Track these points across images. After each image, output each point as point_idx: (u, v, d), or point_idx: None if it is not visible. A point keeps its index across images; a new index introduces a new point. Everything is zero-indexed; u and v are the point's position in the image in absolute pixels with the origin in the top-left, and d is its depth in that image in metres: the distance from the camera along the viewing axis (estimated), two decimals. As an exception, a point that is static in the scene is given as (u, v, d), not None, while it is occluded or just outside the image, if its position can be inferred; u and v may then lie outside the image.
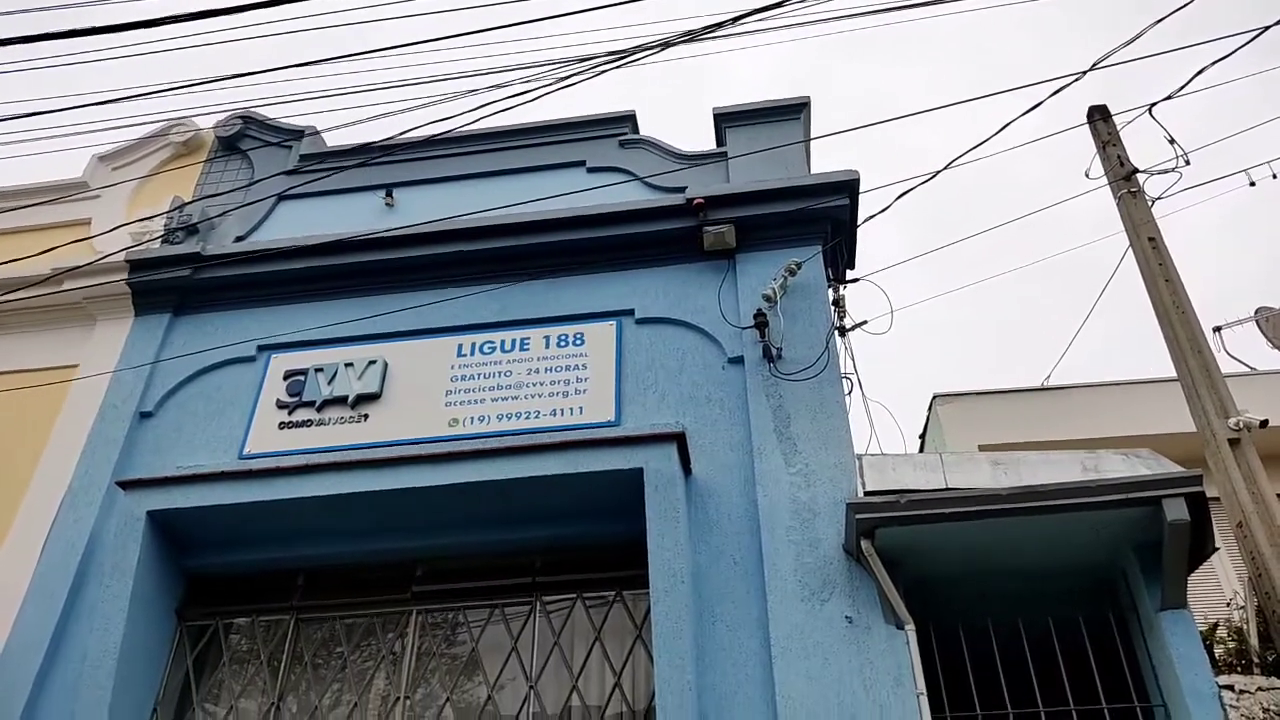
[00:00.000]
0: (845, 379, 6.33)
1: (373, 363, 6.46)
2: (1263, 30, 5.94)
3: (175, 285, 7.05)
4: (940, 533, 5.00)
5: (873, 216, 6.66)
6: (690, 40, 5.53)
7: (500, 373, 6.35)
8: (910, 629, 4.86)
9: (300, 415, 6.36)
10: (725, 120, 7.31)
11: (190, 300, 7.07)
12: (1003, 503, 4.92)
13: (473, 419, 6.15)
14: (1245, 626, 5.47)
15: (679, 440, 5.53)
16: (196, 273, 7.04)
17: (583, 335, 6.42)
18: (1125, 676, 5.01)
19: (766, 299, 6.01)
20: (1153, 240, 6.24)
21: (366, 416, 6.29)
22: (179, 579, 5.98)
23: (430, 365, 6.45)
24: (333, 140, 8.04)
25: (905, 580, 5.04)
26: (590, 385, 6.17)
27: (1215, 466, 5.46)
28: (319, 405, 6.35)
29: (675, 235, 6.64)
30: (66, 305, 7.14)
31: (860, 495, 5.27)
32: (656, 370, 6.17)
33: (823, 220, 6.54)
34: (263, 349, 6.71)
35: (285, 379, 6.53)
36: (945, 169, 6.21)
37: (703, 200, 6.54)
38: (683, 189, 6.81)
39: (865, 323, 6.74)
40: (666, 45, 5.50)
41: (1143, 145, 6.66)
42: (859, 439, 6.97)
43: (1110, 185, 6.54)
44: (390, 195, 7.42)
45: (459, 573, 5.83)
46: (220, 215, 7.45)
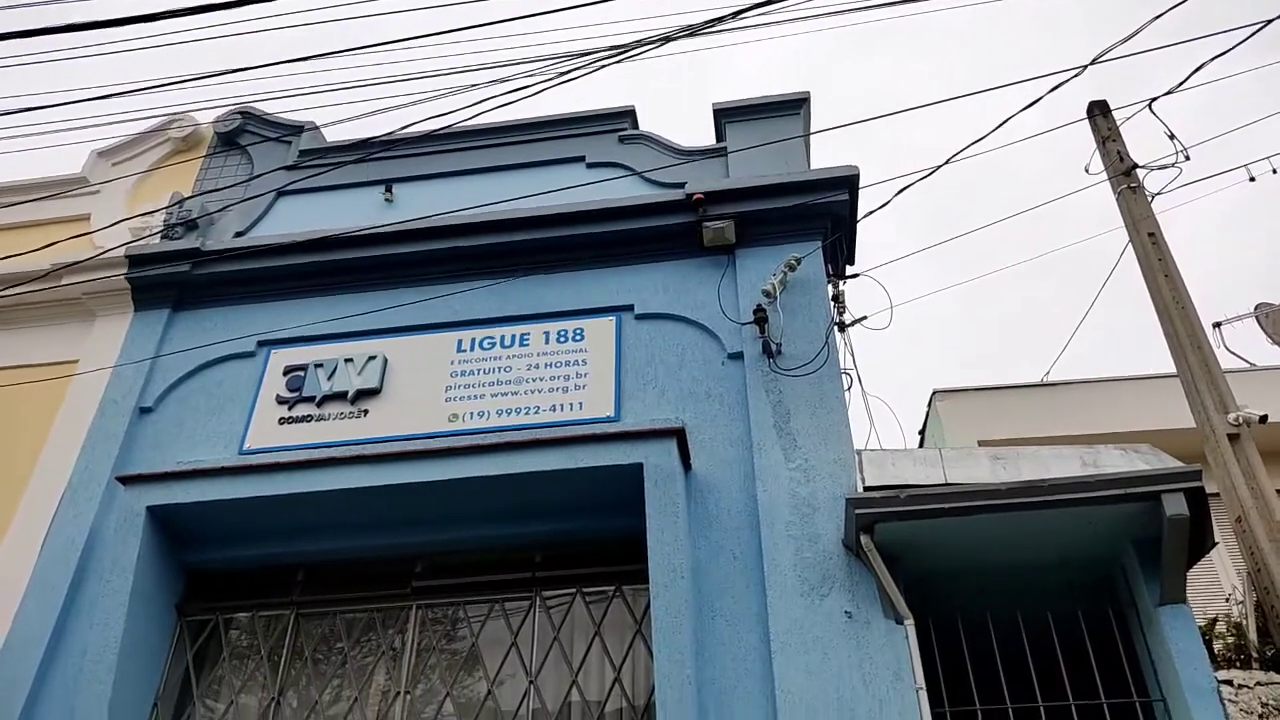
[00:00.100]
0: (845, 374, 6.34)
1: (373, 358, 6.46)
2: (1263, 25, 5.93)
3: (175, 281, 7.04)
4: (940, 528, 5.00)
5: (873, 212, 6.66)
6: (691, 35, 5.53)
7: (500, 368, 6.35)
8: (909, 624, 4.85)
9: (300, 411, 6.36)
10: (725, 115, 7.29)
11: (190, 296, 7.07)
12: (1002, 498, 4.92)
13: (472, 414, 6.16)
14: (1244, 622, 5.48)
15: (679, 436, 5.53)
16: (196, 268, 7.03)
17: (582, 331, 6.42)
18: (1124, 671, 5.01)
19: (766, 294, 6.01)
20: (1152, 236, 6.25)
21: (366, 412, 6.29)
22: (179, 574, 5.99)
23: (430, 361, 6.44)
24: (332, 135, 8.04)
25: (905, 575, 5.04)
26: (590, 381, 6.17)
27: (1215, 462, 5.47)
28: (319, 401, 6.36)
29: (675, 230, 6.64)
30: (66, 301, 7.14)
31: (860, 490, 5.27)
32: (656, 366, 6.17)
33: (823, 216, 6.53)
34: (262, 344, 6.71)
35: (285, 374, 6.53)
36: (945, 164, 6.22)
37: (702, 195, 6.53)
38: (682, 184, 6.81)
39: (865, 318, 6.76)
40: (667, 40, 5.50)
41: (1143, 140, 6.67)
42: (859, 435, 6.97)
43: (1110, 181, 6.55)
44: (390, 190, 7.42)
45: (459, 568, 5.83)
46: (220, 210, 7.46)
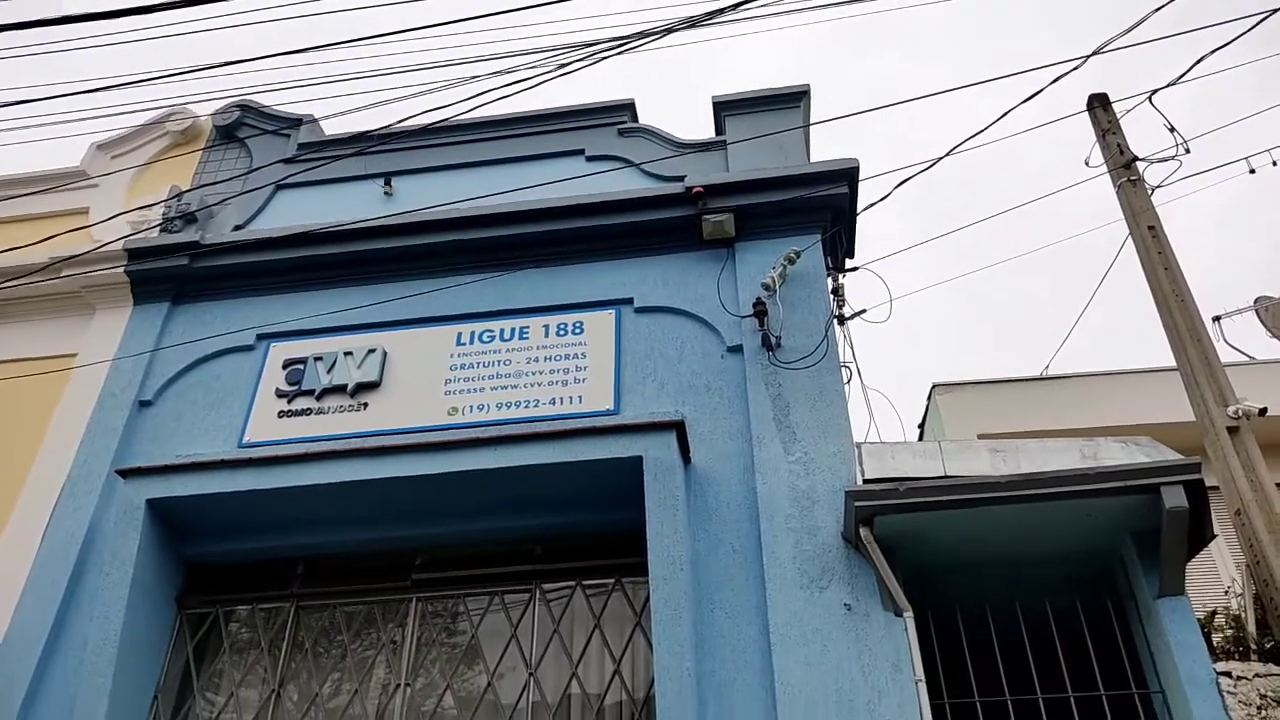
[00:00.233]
0: (844, 368, 6.34)
1: (372, 351, 6.46)
2: (1264, 18, 5.92)
3: (174, 274, 7.04)
4: (939, 520, 5.01)
5: (873, 204, 6.67)
6: (692, 26, 5.51)
7: (499, 361, 6.35)
8: (908, 616, 4.86)
9: (300, 404, 6.36)
10: (724, 109, 7.28)
11: (189, 289, 7.06)
12: (1001, 490, 4.92)
13: (472, 408, 6.15)
14: (1243, 614, 5.48)
15: (678, 429, 5.53)
16: (195, 261, 7.02)
17: (582, 324, 6.41)
18: (1123, 663, 5.02)
19: (766, 287, 6.00)
20: (1152, 229, 6.25)
21: (366, 405, 6.29)
22: (179, 567, 5.99)
23: (429, 354, 6.44)
24: (331, 129, 8.03)
25: (904, 567, 5.05)
26: (589, 374, 6.17)
27: (1214, 454, 5.47)
28: (318, 394, 6.35)
29: (674, 224, 6.63)
30: (65, 294, 7.13)
31: (859, 483, 5.28)
32: (655, 359, 6.16)
33: (822, 209, 6.53)
34: (262, 338, 6.71)
35: (284, 368, 6.53)
36: (945, 157, 6.22)
37: (702, 189, 6.52)
38: (682, 177, 6.80)
39: (864, 311, 6.76)
40: (669, 31, 5.48)
41: (1143, 133, 6.66)
42: (858, 428, 6.96)
43: (1110, 173, 6.54)
44: (389, 184, 7.41)
45: (459, 561, 5.83)
46: (219, 204, 7.44)
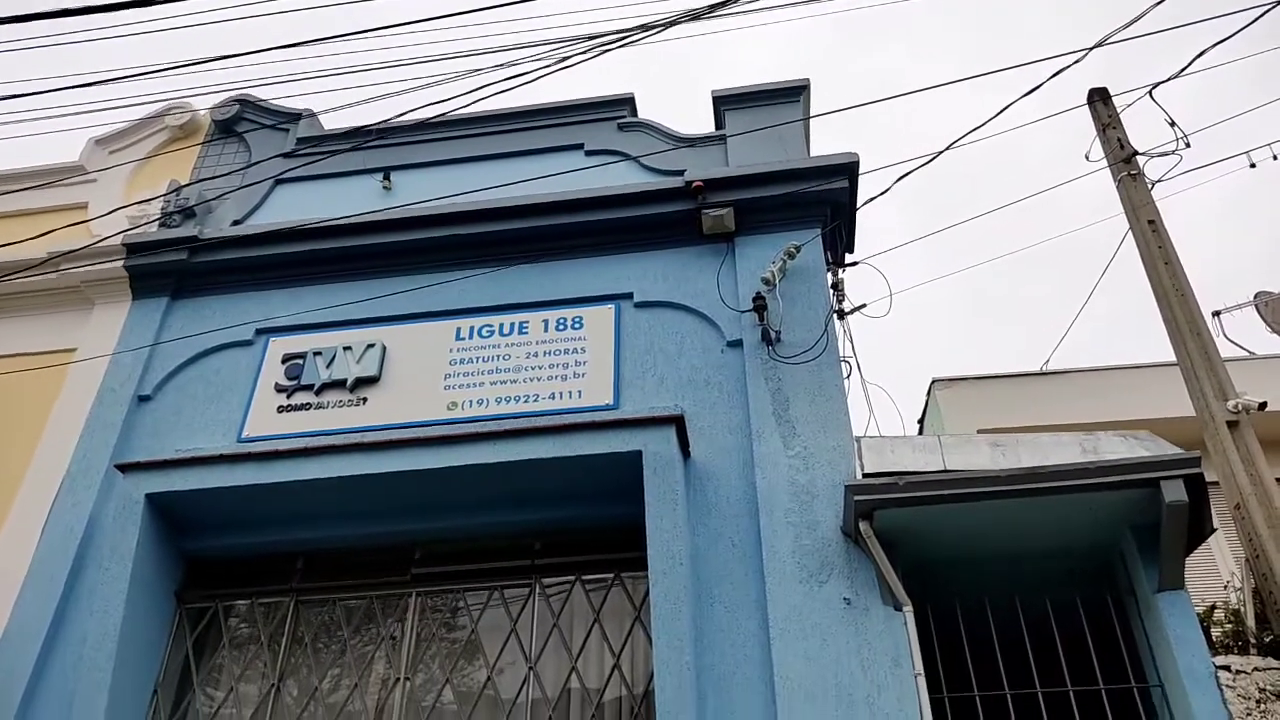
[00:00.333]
0: (844, 362, 6.32)
1: (371, 346, 6.45)
2: (1265, 11, 5.91)
3: (173, 269, 7.03)
4: (938, 514, 5.00)
5: (873, 199, 6.64)
6: (694, 19, 5.49)
7: (499, 356, 6.34)
8: (908, 610, 4.86)
9: (299, 399, 6.35)
10: (724, 103, 7.26)
11: (188, 284, 7.05)
12: (1001, 484, 4.91)
13: (471, 402, 6.15)
14: (1242, 608, 5.48)
15: (678, 423, 5.52)
16: (194, 256, 7.02)
17: (581, 319, 6.40)
18: (1123, 657, 5.02)
19: (765, 282, 5.99)
20: (1152, 223, 6.23)
21: (365, 400, 6.29)
22: (178, 562, 5.99)
23: (429, 349, 6.43)
24: (330, 123, 8.01)
25: (903, 562, 5.05)
26: (589, 369, 6.16)
27: (1214, 448, 5.46)
28: (317, 389, 6.34)
29: (674, 218, 6.62)
30: (64, 289, 7.12)
31: (859, 477, 5.27)
32: (655, 354, 6.16)
33: (822, 203, 6.51)
34: (261, 332, 6.70)
35: (284, 362, 6.52)
36: (945, 150, 6.20)
37: (701, 183, 6.51)
38: (681, 172, 6.79)
39: (864, 306, 6.75)
40: (672, 24, 5.46)
41: (1143, 128, 6.65)
42: (858, 423, 6.96)
43: (1110, 168, 6.52)
44: (388, 178, 7.39)
45: (458, 555, 5.83)
46: (217, 198, 7.43)
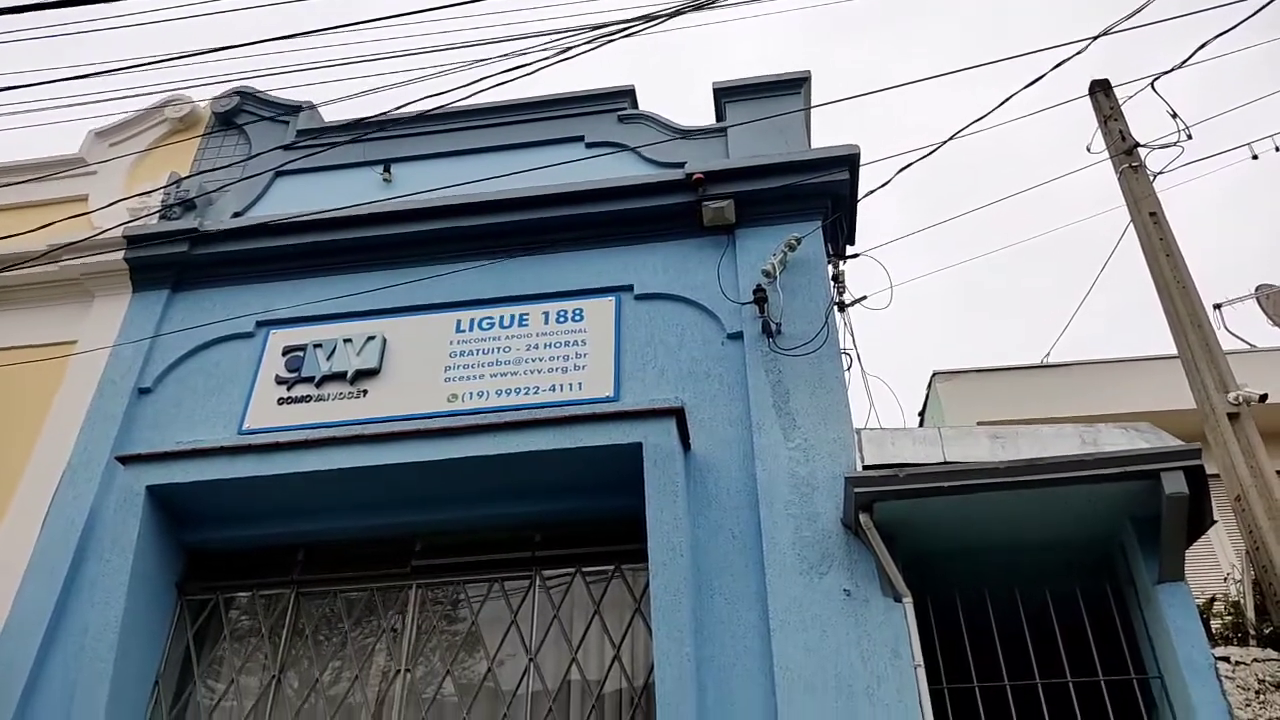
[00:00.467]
0: (844, 354, 6.33)
1: (371, 338, 6.45)
2: (1268, 2, 5.89)
3: (173, 261, 7.02)
4: (938, 506, 5.00)
5: (873, 191, 6.64)
6: (698, 9, 5.47)
7: (499, 348, 6.34)
8: (908, 601, 4.86)
9: (299, 391, 6.35)
10: (725, 95, 7.25)
11: (188, 276, 7.05)
12: (1001, 476, 4.91)
13: (471, 394, 6.15)
14: (1242, 600, 5.48)
15: (678, 415, 5.52)
16: (194, 248, 7.01)
17: (581, 311, 6.40)
18: (1122, 648, 5.02)
19: (766, 274, 5.99)
20: (1154, 215, 6.22)
21: (365, 392, 6.29)
22: (179, 554, 6.00)
23: (429, 341, 6.43)
24: (330, 115, 8.00)
25: (903, 553, 5.05)
26: (589, 361, 6.16)
27: (1214, 440, 5.46)
28: (318, 381, 6.35)
29: (674, 210, 6.61)
30: (64, 281, 7.12)
31: (859, 469, 5.27)
32: (655, 346, 6.15)
33: (823, 195, 6.50)
34: (261, 325, 6.70)
35: (284, 355, 6.52)
36: (946, 142, 6.19)
37: (702, 175, 6.50)
38: (682, 164, 6.77)
39: (865, 298, 6.75)
40: (677, 13, 5.43)
41: (1145, 119, 6.63)
42: (858, 415, 6.95)
43: (1111, 160, 6.51)
44: (388, 170, 7.38)
45: (458, 547, 5.84)
46: (218, 190, 7.42)
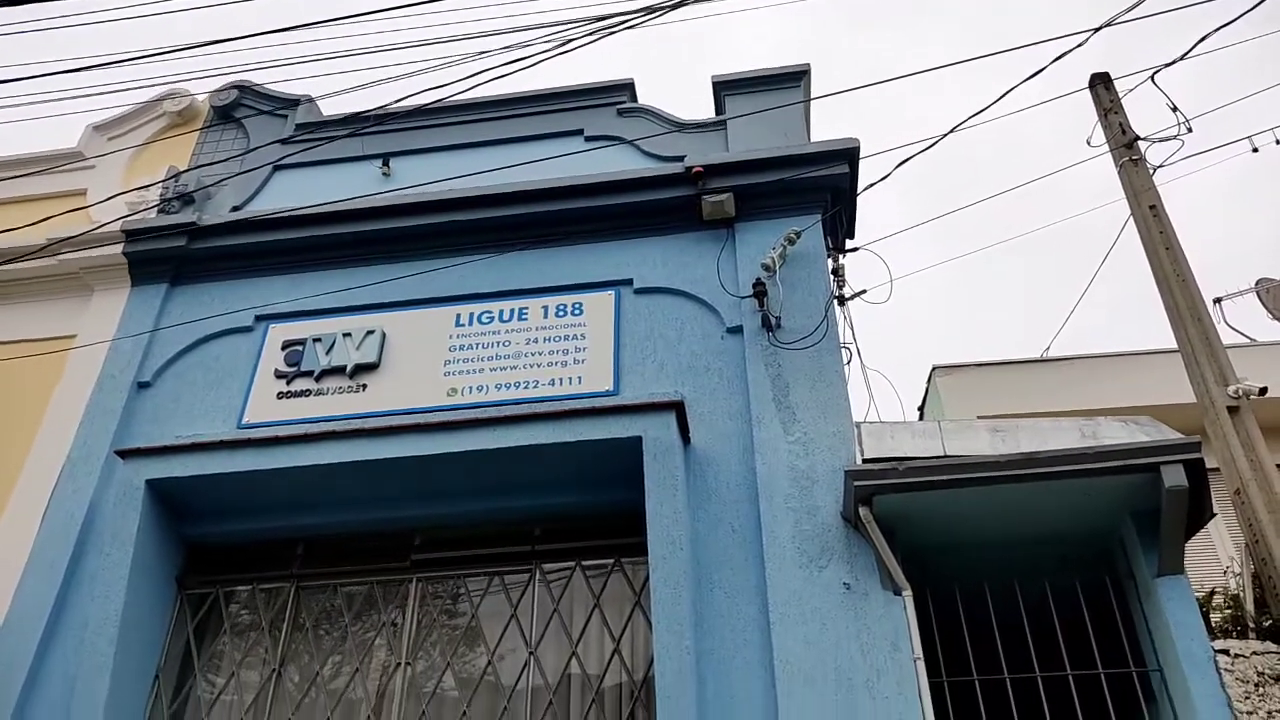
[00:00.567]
0: (844, 348, 6.32)
1: (371, 333, 6.44)
2: (1268, -5, 5.87)
3: (172, 255, 7.01)
4: (938, 500, 5.00)
5: (873, 184, 6.62)
6: (700, 0, 5.43)
7: (499, 342, 6.33)
8: (907, 595, 4.86)
9: (298, 385, 6.35)
10: (724, 88, 7.24)
11: (187, 270, 7.04)
12: (1001, 469, 4.91)
13: (471, 389, 6.14)
14: (1241, 593, 5.49)
15: (678, 409, 5.52)
16: (193, 242, 7.00)
17: (581, 305, 6.39)
18: (1122, 642, 5.02)
19: (765, 268, 5.98)
20: (1154, 208, 6.22)
21: (365, 386, 6.28)
22: (179, 548, 6.00)
23: (428, 335, 6.43)
24: (328, 109, 7.98)
25: (903, 547, 5.05)
26: (589, 355, 6.15)
27: (1214, 434, 5.46)
28: (317, 375, 6.34)
29: (674, 204, 6.60)
30: (63, 275, 7.12)
31: (858, 463, 5.27)
32: (655, 340, 6.15)
33: (822, 189, 6.49)
34: (260, 319, 6.69)
35: (283, 349, 6.52)
36: (947, 135, 6.18)
37: (701, 169, 6.49)
38: (681, 157, 6.76)
39: (865, 292, 6.75)
40: (680, 4, 5.40)
41: (1145, 112, 6.62)
42: (858, 409, 6.96)
43: (1112, 153, 6.50)
44: (387, 164, 7.37)
45: (458, 541, 5.84)
46: (216, 184, 7.41)
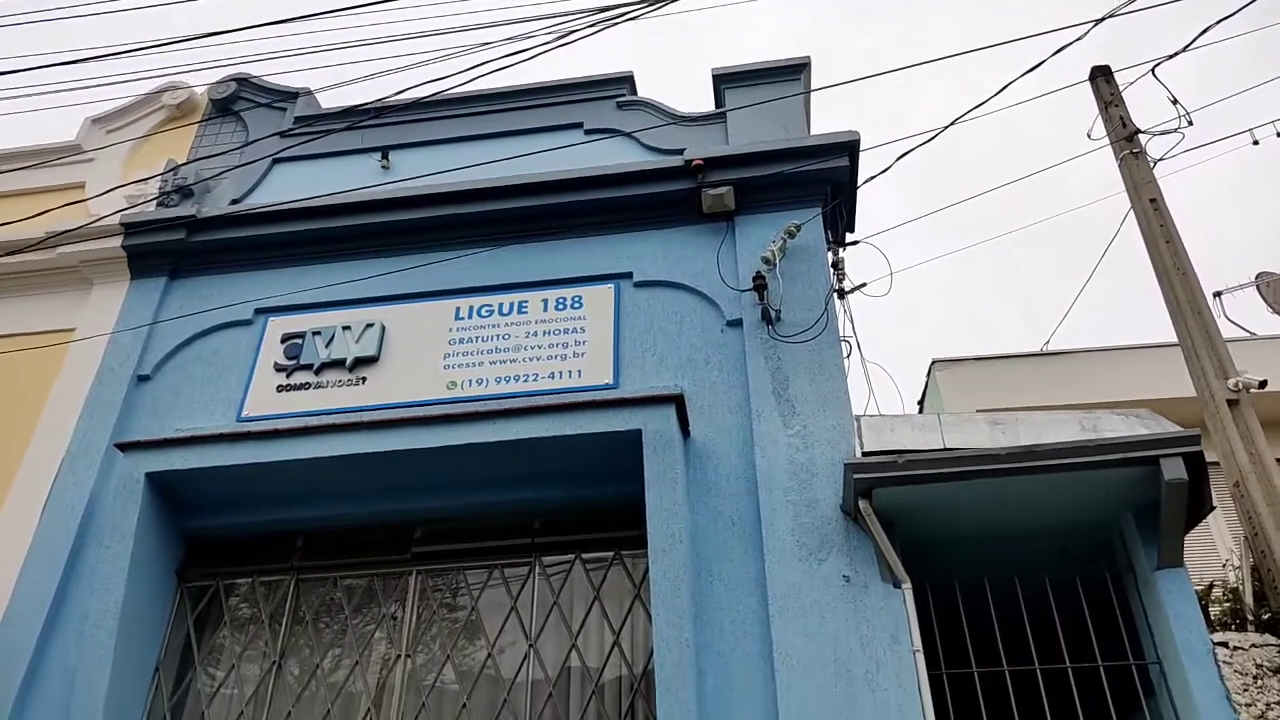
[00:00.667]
0: (844, 342, 6.32)
1: (370, 326, 6.44)
2: (1269, -13, 5.85)
3: (171, 248, 7.01)
4: (937, 492, 5.00)
5: (873, 177, 6.60)
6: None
7: (498, 335, 6.33)
8: (907, 587, 4.87)
9: (298, 378, 6.35)
10: (724, 81, 7.22)
11: (186, 263, 7.03)
12: (1000, 462, 4.91)
13: (471, 382, 6.14)
14: (1241, 586, 5.49)
15: (677, 402, 5.52)
16: (192, 235, 6.99)
17: (581, 298, 6.39)
18: (1121, 634, 5.03)
19: (765, 261, 5.98)
20: (1154, 201, 6.21)
21: (364, 379, 6.28)
22: (179, 540, 6.00)
23: (428, 328, 6.42)
24: (327, 102, 7.97)
25: (902, 539, 5.05)
26: (588, 348, 6.15)
27: (1213, 427, 5.46)
28: (317, 368, 6.34)
29: (674, 197, 6.59)
30: (62, 268, 7.10)
31: (858, 456, 5.27)
32: (655, 333, 6.15)
33: (822, 182, 6.49)
34: (260, 312, 6.69)
35: (283, 342, 6.52)
36: (946, 128, 6.16)
37: (701, 162, 6.48)
38: (681, 150, 6.75)
39: (864, 285, 6.74)
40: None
41: (1146, 106, 6.62)
42: (857, 402, 6.95)
43: (1112, 146, 6.49)
44: (386, 157, 7.36)
45: (458, 534, 5.84)
46: (215, 177, 7.40)
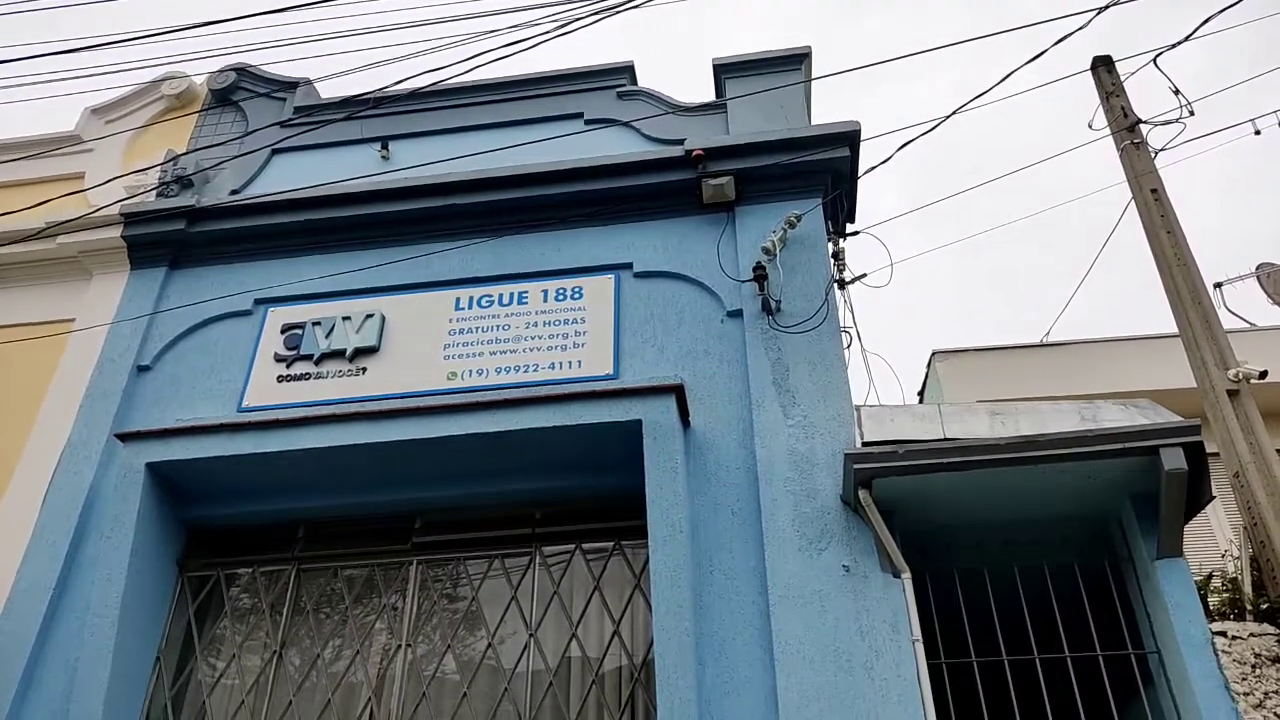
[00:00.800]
0: (844, 332, 6.32)
1: (370, 316, 6.43)
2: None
3: (171, 239, 7.00)
4: (937, 482, 5.01)
5: (874, 168, 6.59)
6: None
7: (498, 326, 6.33)
8: (906, 577, 4.88)
9: (298, 369, 6.34)
10: (725, 71, 7.20)
11: (186, 254, 7.02)
12: (1000, 452, 4.92)
13: (471, 372, 6.14)
14: (1240, 576, 5.51)
15: (678, 392, 5.52)
16: (192, 225, 6.98)
17: (581, 289, 6.38)
18: (1120, 624, 5.04)
19: (766, 252, 5.97)
20: (1155, 192, 6.21)
21: (364, 370, 6.28)
22: (179, 530, 6.01)
23: (428, 319, 6.42)
24: (326, 91, 7.94)
25: (902, 529, 5.06)
26: (588, 339, 6.15)
27: (1213, 417, 5.47)
28: (317, 359, 6.34)
29: (674, 188, 6.58)
30: (62, 259, 7.10)
31: (858, 446, 5.27)
32: (655, 324, 6.14)
33: (823, 172, 6.47)
34: (260, 302, 6.68)
35: (283, 332, 6.51)
36: (947, 118, 6.16)
37: (702, 152, 6.46)
38: (681, 141, 6.74)
39: (865, 276, 6.74)
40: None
41: (1147, 96, 6.60)
42: (857, 392, 6.96)
43: (1113, 136, 6.48)
44: (386, 148, 7.34)
45: (458, 524, 5.85)
46: (215, 168, 7.38)
